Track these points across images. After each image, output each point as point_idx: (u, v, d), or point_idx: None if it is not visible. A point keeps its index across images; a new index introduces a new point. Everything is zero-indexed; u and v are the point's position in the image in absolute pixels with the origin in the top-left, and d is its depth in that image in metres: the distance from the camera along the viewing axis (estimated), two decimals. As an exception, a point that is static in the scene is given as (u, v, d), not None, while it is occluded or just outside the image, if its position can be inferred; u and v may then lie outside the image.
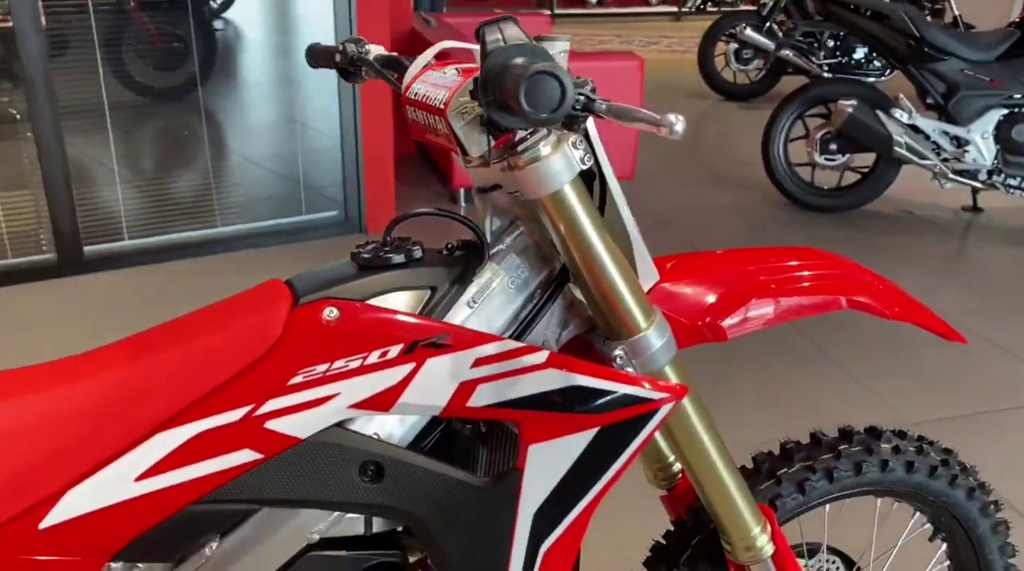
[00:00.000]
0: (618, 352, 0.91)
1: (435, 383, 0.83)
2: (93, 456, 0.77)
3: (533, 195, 0.85)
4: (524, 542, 0.88)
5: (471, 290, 0.90)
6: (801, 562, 1.16)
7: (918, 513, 1.27)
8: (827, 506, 1.19)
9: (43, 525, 0.76)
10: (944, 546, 1.30)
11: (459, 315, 0.90)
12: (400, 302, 0.87)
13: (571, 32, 4.93)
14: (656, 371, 0.93)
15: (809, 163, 4.01)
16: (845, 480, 1.12)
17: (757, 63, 6.31)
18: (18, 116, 3.26)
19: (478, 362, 0.84)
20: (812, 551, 1.28)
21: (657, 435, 1.15)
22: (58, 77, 3.13)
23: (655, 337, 0.92)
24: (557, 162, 0.83)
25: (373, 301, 0.85)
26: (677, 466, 1.22)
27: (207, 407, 0.79)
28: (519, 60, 0.75)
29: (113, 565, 0.80)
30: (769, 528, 1.06)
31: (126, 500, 0.78)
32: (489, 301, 0.91)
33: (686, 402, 0.97)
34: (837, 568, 1.31)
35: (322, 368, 0.82)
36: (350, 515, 0.86)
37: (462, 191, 4.09)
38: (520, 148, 0.82)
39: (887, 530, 1.38)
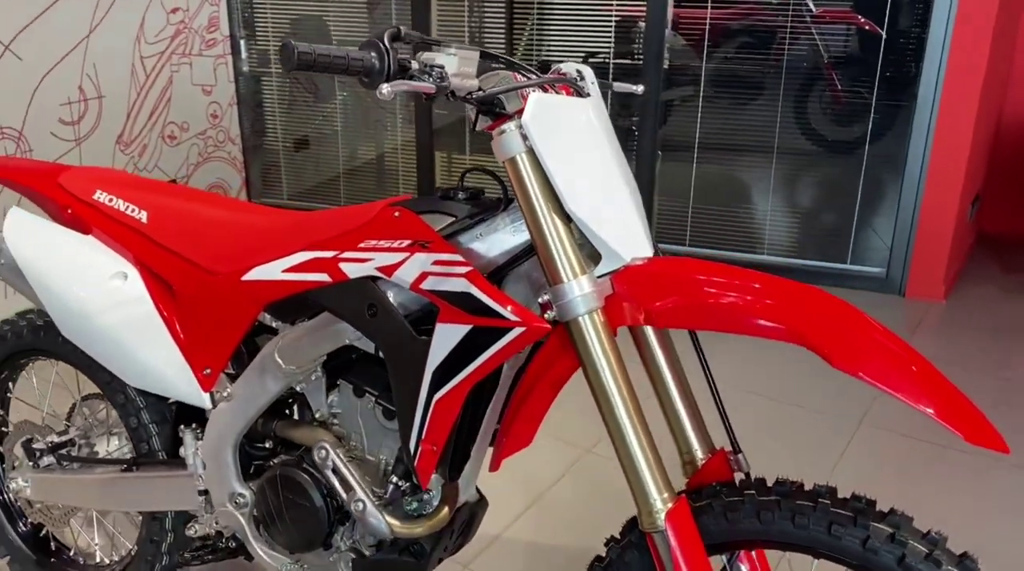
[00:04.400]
0: (545, 294, 1.18)
1: (411, 268, 1.25)
2: (271, 253, 1.42)
3: (498, 159, 1.19)
4: (426, 389, 1.24)
5: (483, 226, 1.28)
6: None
7: None
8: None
9: (243, 278, 1.44)
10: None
11: (471, 240, 1.29)
12: (434, 219, 1.31)
13: None
14: (571, 320, 1.16)
15: None
16: (774, 527, 1.13)
17: None
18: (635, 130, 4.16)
19: (436, 262, 1.23)
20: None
21: None
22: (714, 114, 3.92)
23: (573, 289, 1.15)
24: (508, 138, 1.16)
25: (423, 216, 1.31)
26: (697, 457, 1.33)
27: (321, 245, 1.37)
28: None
29: (266, 314, 1.46)
30: (670, 506, 1.15)
31: (276, 280, 1.40)
32: (493, 236, 1.28)
33: (599, 361, 1.16)
34: None
35: (375, 242, 1.32)
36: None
37: None
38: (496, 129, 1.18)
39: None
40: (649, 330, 1.31)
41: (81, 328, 1.53)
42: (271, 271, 1.40)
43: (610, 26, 3.94)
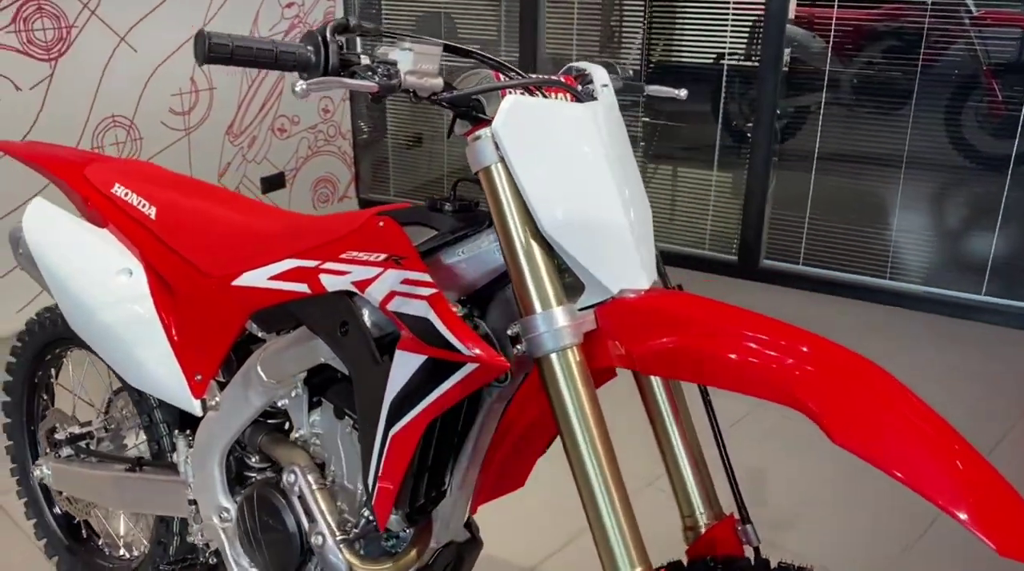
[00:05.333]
0: (515, 325, 1.03)
1: (382, 285, 1.13)
2: (261, 258, 1.33)
3: (472, 168, 1.04)
4: (383, 422, 1.11)
5: (466, 242, 1.14)
6: None
7: None
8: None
9: (233, 283, 1.36)
10: None
11: (453, 257, 1.15)
12: (419, 233, 1.18)
13: None
14: (542, 356, 1.00)
15: None
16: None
17: None
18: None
19: (405, 281, 1.10)
20: None
21: None
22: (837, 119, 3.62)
23: (544, 322, 1.00)
24: (480, 146, 1.01)
25: (408, 228, 1.18)
26: (701, 523, 1.14)
27: (306, 253, 1.27)
28: None
29: (252, 323, 1.37)
30: None
31: (261, 288, 1.32)
32: (476, 254, 1.13)
33: (569, 406, 0.99)
34: None
35: (355, 253, 1.20)
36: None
37: None
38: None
39: None
40: None
41: (86, 321, 1.50)
42: (258, 277, 1.32)
43: (745, 26, 3.68)
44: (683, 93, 1.40)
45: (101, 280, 1.48)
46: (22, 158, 1.70)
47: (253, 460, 1.44)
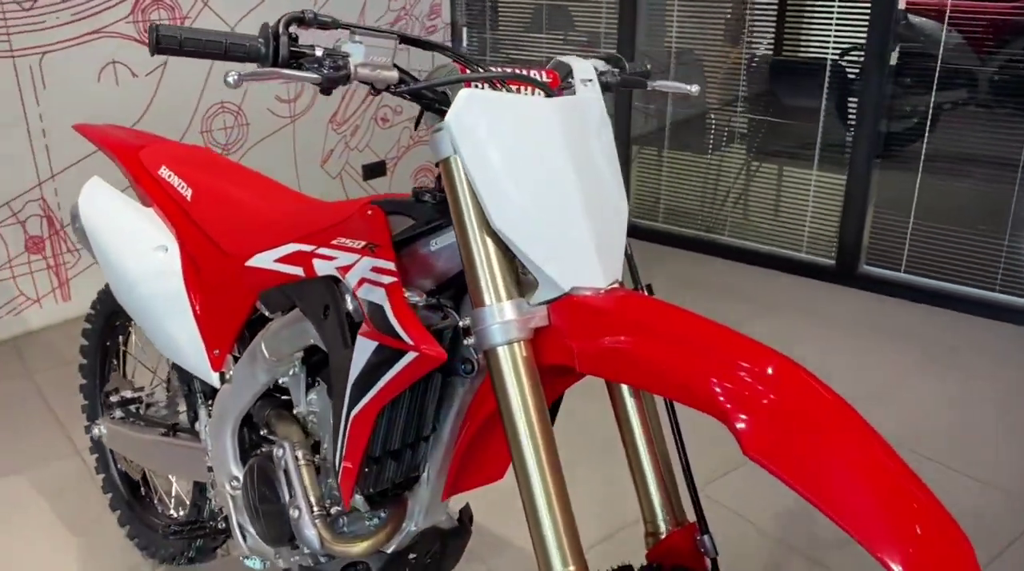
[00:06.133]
0: (467, 317, 1.04)
1: (357, 271, 1.16)
2: (272, 240, 1.39)
3: (433, 159, 1.05)
4: (346, 404, 1.14)
5: (439, 234, 1.15)
6: None
7: None
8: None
9: (246, 263, 1.42)
10: None
11: (426, 247, 1.17)
12: (400, 222, 1.20)
13: None
14: (488, 349, 1.01)
15: None
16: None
17: None
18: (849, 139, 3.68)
19: (374, 269, 1.13)
20: None
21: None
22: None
23: (490, 316, 1.00)
24: (439, 138, 1.02)
25: (392, 217, 1.21)
26: (662, 529, 1.12)
27: (307, 238, 1.32)
28: None
29: (260, 303, 1.43)
30: None
31: (267, 269, 1.37)
32: (446, 246, 1.14)
33: (513, 400, 0.99)
34: None
35: (343, 240, 1.24)
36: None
37: None
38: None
39: None
40: None
41: (127, 293, 1.62)
42: (266, 259, 1.38)
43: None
44: (695, 89, 1.36)
45: (140, 255, 1.59)
46: (92, 140, 1.84)
47: (262, 433, 1.50)
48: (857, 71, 3.49)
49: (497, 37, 4.78)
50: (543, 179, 1.03)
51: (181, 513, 1.99)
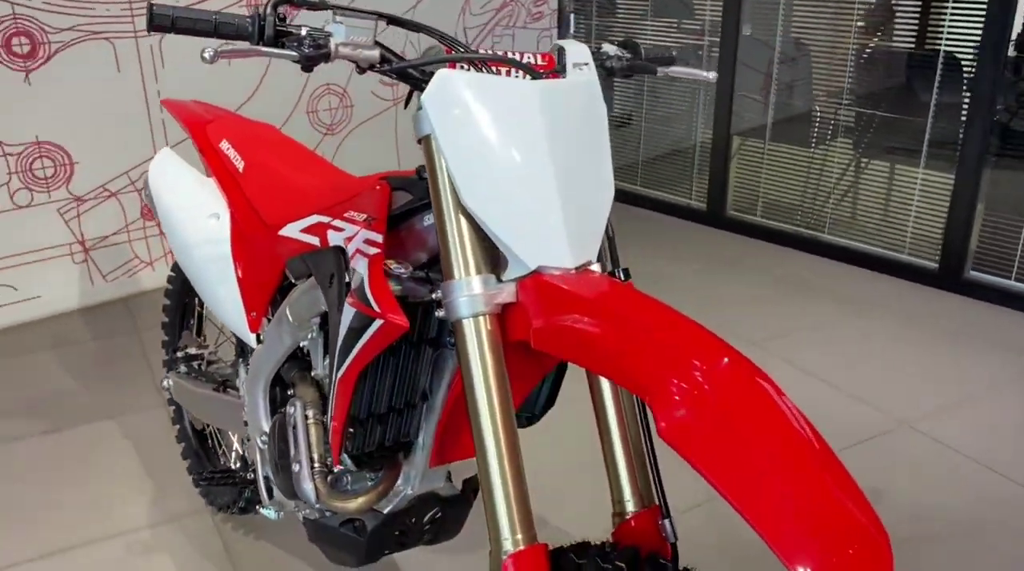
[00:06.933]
0: (438, 290, 1.08)
1: (354, 242, 1.22)
2: (301, 212, 1.48)
3: (415, 137, 1.09)
4: (335, 367, 1.20)
5: (430, 210, 1.20)
6: None
7: None
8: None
9: (279, 233, 1.52)
10: None
11: (420, 223, 1.22)
12: (399, 196, 1.25)
13: None
14: (455, 321, 1.05)
15: None
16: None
17: None
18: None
19: (366, 241, 1.19)
20: None
21: None
22: None
23: (458, 289, 1.04)
24: (420, 117, 1.06)
25: (396, 193, 1.27)
26: (628, 510, 1.13)
27: (327, 210, 1.40)
28: None
29: (286, 270, 1.52)
30: (521, 548, 0.99)
31: (294, 238, 1.46)
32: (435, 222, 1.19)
33: (475, 372, 1.02)
34: None
35: (353, 213, 1.31)
36: None
37: None
38: None
39: None
40: None
41: (185, 257, 1.75)
42: (294, 229, 1.47)
43: None
44: (712, 76, 1.35)
45: (195, 222, 1.72)
46: (172, 113, 1.99)
47: (288, 392, 1.60)
48: (972, 64, 3.29)
49: (607, 23, 4.76)
50: (516, 159, 1.05)
51: (238, 465, 2.13)
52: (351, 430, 1.23)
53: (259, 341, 1.63)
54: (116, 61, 3.24)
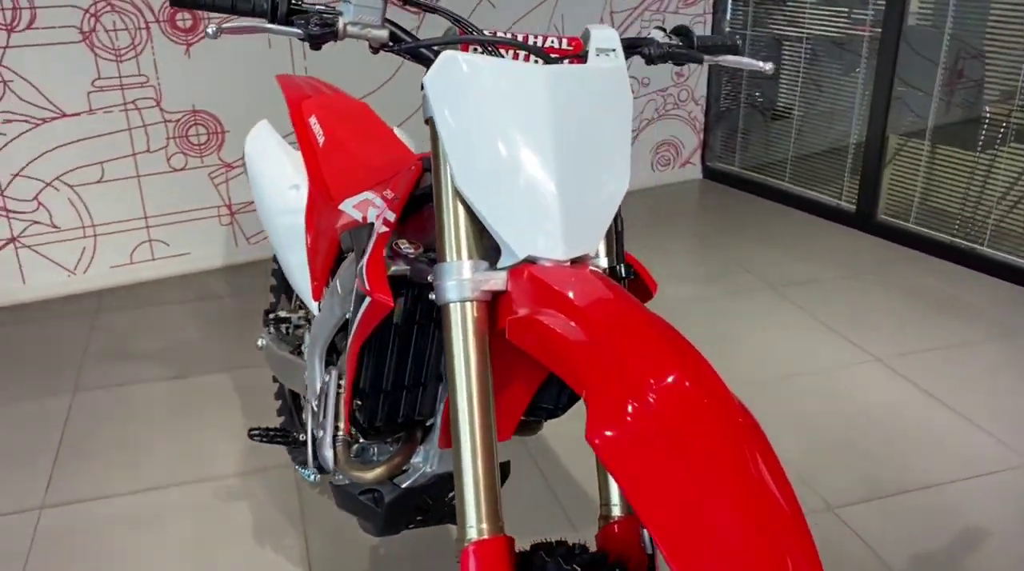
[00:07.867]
0: (431, 272, 1.08)
1: (379, 220, 1.24)
2: (358, 187, 1.52)
3: (423, 116, 1.09)
4: (349, 339, 1.23)
5: None
6: None
7: None
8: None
9: (339, 206, 1.56)
10: None
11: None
12: (429, 176, 1.26)
13: None
14: (443, 305, 1.04)
15: None
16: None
17: None
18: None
19: (385, 220, 1.20)
20: None
21: None
22: None
23: (448, 273, 1.03)
24: (424, 98, 1.06)
25: (426, 174, 1.28)
26: (614, 512, 1.09)
27: (373, 187, 1.43)
28: None
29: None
30: (485, 537, 0.98)
31: (347, 212, 1.50)
32: None
33: (456, 358, 1.02)
34: None
35: (389, 191, 1.33)
36: None
37: None
38: None
39: None
40: None
41: (269, 224, 1.84)
42: (349, 204, 1.51)
43: None
44: (769, 67, 1.26)
45: (278, 192, 1.80)
46: (281, 88, 2.09)
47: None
48: None
49: (767, 9, 4.54)
50: (516, 145, 1.03)
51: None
52: (358, 402, 1.25)
53: (319, 309, 1.69)
54: (268, 38, 3.44)
